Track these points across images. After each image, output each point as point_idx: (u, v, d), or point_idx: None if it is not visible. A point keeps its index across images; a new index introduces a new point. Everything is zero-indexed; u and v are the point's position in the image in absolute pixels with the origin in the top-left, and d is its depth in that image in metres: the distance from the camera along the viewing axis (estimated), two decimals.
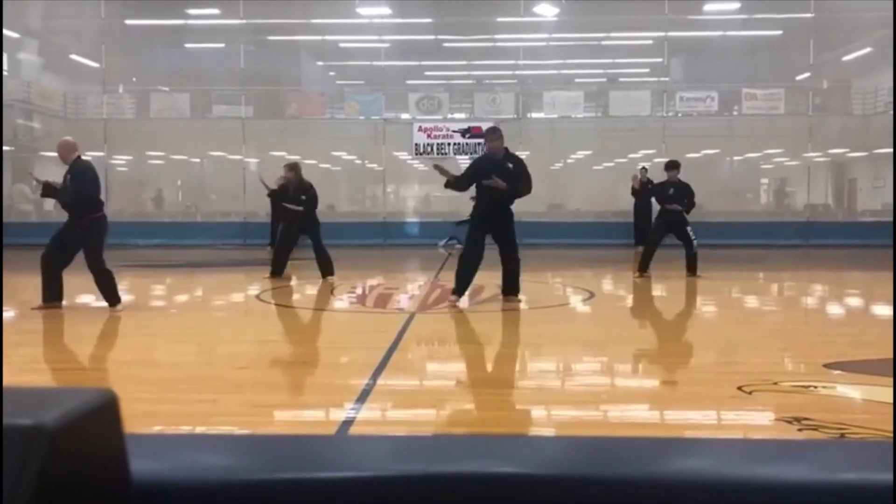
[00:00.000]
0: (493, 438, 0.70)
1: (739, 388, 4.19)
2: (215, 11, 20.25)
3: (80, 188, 7.12)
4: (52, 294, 7.35)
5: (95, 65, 19.56)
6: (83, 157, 7.40)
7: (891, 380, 4.53)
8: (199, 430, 3.71)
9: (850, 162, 21.10)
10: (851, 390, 4.45)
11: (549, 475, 0.61)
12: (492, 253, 8.04)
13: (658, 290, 10.46)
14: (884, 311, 8.65)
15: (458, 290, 7.86)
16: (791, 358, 5.54)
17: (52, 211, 20.36)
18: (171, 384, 4.66)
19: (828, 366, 4.90)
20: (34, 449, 0.45)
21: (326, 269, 10.24)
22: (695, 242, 10.36)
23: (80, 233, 7.15)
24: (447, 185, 7.94)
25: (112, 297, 7.35)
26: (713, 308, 8.94)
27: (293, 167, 10.57)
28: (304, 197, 10.27)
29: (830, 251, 15.18)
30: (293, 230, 10.49)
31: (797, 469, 0.65)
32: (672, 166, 10.70)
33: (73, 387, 0.53)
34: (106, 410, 0.51)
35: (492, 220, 7.83)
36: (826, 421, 3.59)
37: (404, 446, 0.69)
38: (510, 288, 8.05)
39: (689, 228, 10.43)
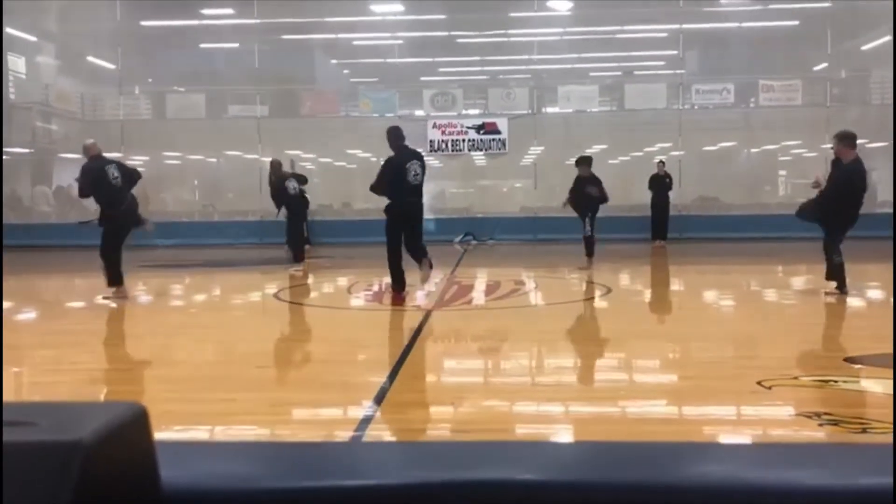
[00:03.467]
0: (508, 444, 0.71)
1: (759, 383, 4.16)
2: (230, 11, 20.33)
3: (79, 186, 8.20)
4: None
5: (112, 66, 19.72)
6: (104, 159, 8.21)
7: None
8: (220, 428, 3.74)
9: (868, 153, 20.82)
10: (873, 384, 4.41)
11: (562, 481, 0.62)
12: (514, 250, 8.02)
13: (675, 285, 10.40)
14: None
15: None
16: (811, 352, 5.50)
17: (73, 212, 20.60)
18: (191, 383, 4.71)
19: (848, 360, 4.86)
20: (72, 463, 0.47)
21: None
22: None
23: (102, 226, 8.12)
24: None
25: (109, 279, 8.02)
26: (732, 302, 8.88)
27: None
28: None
29: (849, 242, 14.99)
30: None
31: (807, 474, 0.65)
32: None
33: (105, 402, 0.54)
34: (137, 423, 0.53)
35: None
36: (847, 416, 3.56)
37: (421, 453, 0.70)
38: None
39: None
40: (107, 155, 9.04)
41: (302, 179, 11.78)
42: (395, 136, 8.21)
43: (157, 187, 21.86)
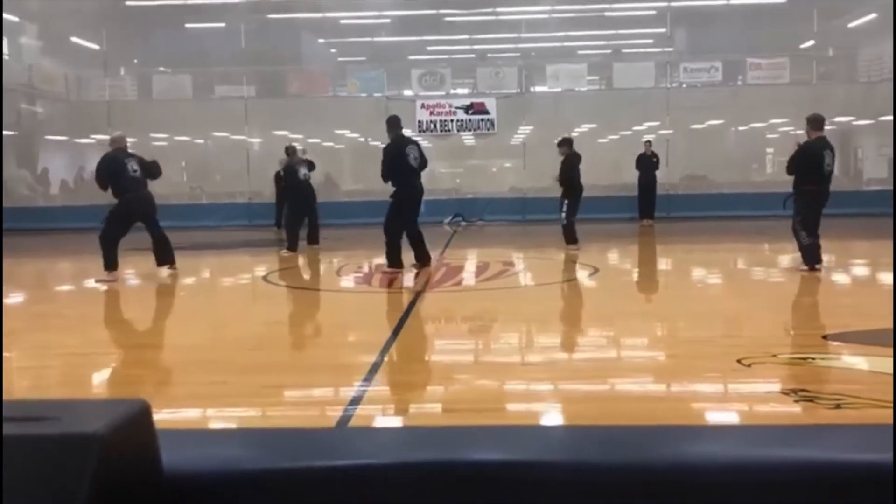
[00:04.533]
0: (495, 428, 0.75)
1: (739, 361, 4.26)
2: None
3: (96, 175, 8.46)
4: (165, 259, 8.75)
5: (96, 47, 19.55)
6: (126, 152, 8.47)
7: (888, 350, 4.60)
8: (211, 411, 3.82)
9: (855, 130, 20.98)
10: (849, 361, 4.52)
11: (546, 461, 0.66)
12: (501, 231, 8.11)
13: (662, 264, 10.51)
14: (886, 280, 8.69)
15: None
16: (791, 330, 5.62)
17: (57, 195, 20.51)
18: (183, 366, 4.77)
19: (827, 337, 4.98)
20: (90, 454, 0.54)
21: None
22: (562, 215, 10.92)
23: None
24: None
25: (105, 262, 8.20)
26: (716, 280, 9.00)
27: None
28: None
29: (835, 220, 15.15)
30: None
31: (796, 452, 0.67)
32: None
33: (114, 399, 0.61)
34: (143, 417, 0.60)
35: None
36: (822, 392, 3.67)
37: (411, 436, 0.76)
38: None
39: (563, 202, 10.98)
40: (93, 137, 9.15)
41: (311, 166, 11.86)
42: (392, 124, 8.76)
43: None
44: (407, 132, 20.85)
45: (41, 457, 0.54)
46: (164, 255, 8.72)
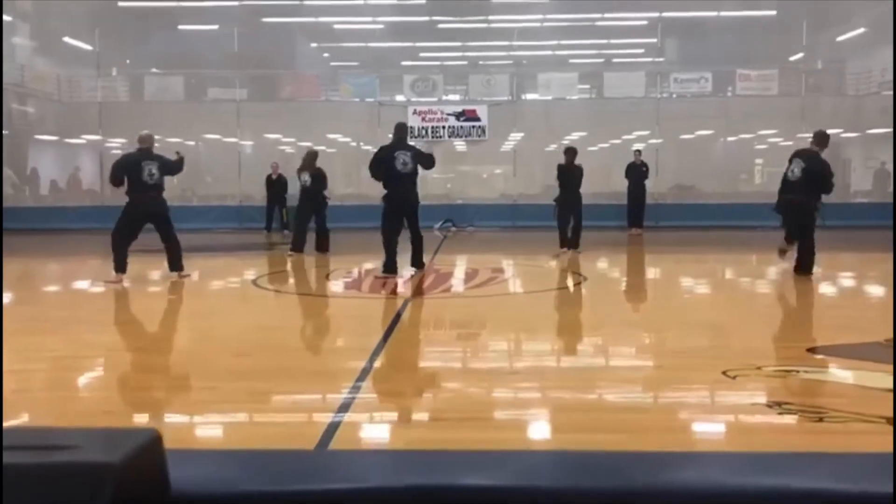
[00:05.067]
0: (482, 453, 0.76)
1: (724, 373, 4.31)
2: None
3: (111, 172, 8.70)
4: (173, 265, 8.84)
5: (89, 48, 19.50)
6: (147, 153, 8.54)
7: (873, 364, 4.66)
8: (199, 418, 3.82)
9: (843, 142, 21.17)
10: (832, 374, 4.57)
11: (532, 487, 0.66)
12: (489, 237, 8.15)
13: (651, 273, 10.57)
14: (871, 293, 8.78)
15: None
16: (776, 342, 5.67)
17: (47, 196, 20.41)
18: (170, 371, 4.78)
19: (811, 350, 5.03)
20: (105, 483, 0.56)
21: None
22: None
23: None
24: None
25: (115, 263, 8.35)
26: (704, 290, 9.06)
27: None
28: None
29: (823, 232, 15.27)
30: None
31: (788, 480, 0.66)
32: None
33: (126, 428, 0.64)
34: (154, 446, 0.63)
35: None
36: (806, 405, 3.72)
37: (404, 460, 0.78)
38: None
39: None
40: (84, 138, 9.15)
41: (315, 178, 11.90)
42: (395, 129, 9.06)
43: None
44: None
45: (56, 487, 0.56)
46: (173, 261, 8.77)
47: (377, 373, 4.59)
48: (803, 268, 8.49)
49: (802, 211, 8.31)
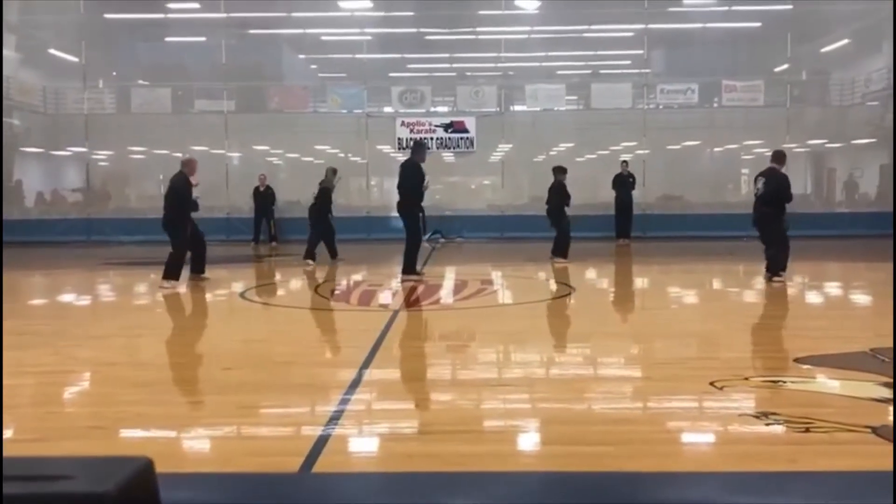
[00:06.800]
0: (468, 475, 0.79)
1: (712, 384, 4.33)
2: (196, 5, 20.15)
3: (180, 200, 9.77)
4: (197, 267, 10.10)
5: (75, 59, 19.43)
6: (183, 172, 10.07)
7: (858, 373, 4.70)
8: (186, 433, 3.80)
9: (827, 153, 21.37)
10: (819, 385, 4.60)
11: None
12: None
13: (637, 284, 10.60)
14: (858, 303, 8.85)
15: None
16: (763, 352, 5.70)
17: (31, 209, 20.27)
18: (158, 385, 4.74)
19: (798, 360, 5.06)
20: None
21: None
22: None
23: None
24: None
25: (169, 271, 9.33)
26: (691, 301, 9.10)
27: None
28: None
29: (808, 242, 15.43)
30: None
31: (782, 499, 0.68)
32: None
33: (121, 456, 0.66)
34: (146, 474, 0.64)
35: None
36: (793, 416, 3.73)
37: (385, 483, 0.80)
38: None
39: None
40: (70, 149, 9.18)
41: (323, 191, 12.45)
42: (417, 147, 10.68)
43: (121, 183, 21.61)
44: (386, 149, 21.01)
45: None
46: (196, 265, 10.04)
47: (366, 385, 4.58)
48: (770, 268, 9.28)
49: (766, 220, 9.31)
